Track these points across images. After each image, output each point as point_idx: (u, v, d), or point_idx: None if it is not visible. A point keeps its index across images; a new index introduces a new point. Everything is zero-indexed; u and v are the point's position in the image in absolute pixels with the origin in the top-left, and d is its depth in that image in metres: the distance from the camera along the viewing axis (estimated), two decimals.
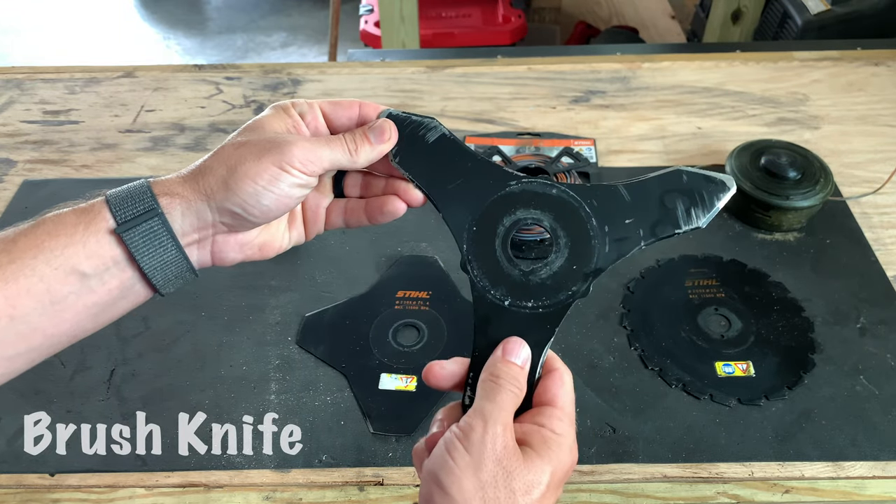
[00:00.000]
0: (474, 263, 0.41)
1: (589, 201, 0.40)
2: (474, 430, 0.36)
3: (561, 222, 0.41)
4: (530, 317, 0.40)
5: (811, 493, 0.57)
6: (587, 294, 0.40)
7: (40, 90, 1.02)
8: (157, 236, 0.39)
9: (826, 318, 0.68)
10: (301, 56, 2.69)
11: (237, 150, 0.40)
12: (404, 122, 0.42)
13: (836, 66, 1.03)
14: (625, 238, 0.40)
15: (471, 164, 0.42)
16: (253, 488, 0.58)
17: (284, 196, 0.40)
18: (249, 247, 0.43)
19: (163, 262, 0.39)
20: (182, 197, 0.40)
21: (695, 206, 0.40)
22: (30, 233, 0.38)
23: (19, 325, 0.37)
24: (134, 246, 0.38)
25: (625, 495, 0.57)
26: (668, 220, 0.40)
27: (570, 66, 1.04)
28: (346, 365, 0.65)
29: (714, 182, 0.40)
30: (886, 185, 0.82)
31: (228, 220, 0.40)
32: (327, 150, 0.41)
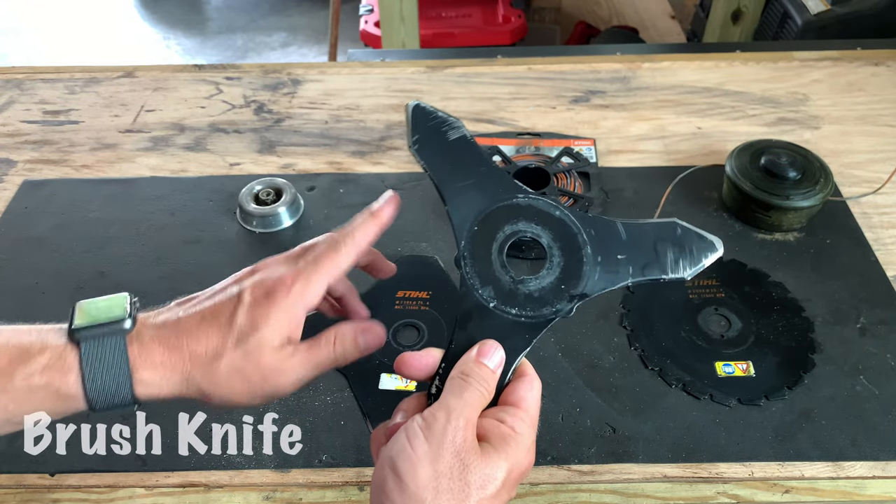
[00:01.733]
0: (468, 261, 0.42)
1: (588, 230, 0.42)
2: (437, 421, 0.36)
3: (558, 242, 0.42)
4: (512, 323, 0.41)
5: (811, 493, 0.57)
6: (570, 315, 0.42)
7: (40, 90, 1.02)
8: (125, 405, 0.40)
9: (826, 318, 0.68)
10: (301, 56, 2.69)
11: (229, 378, 0.41)
12: (430, 116, 0.44)
13: (836, 66, 1.03)
14: (615, 272, 0.42)
15: (485, 169, 0.43)
16: (253, 488, 0.58)
17: (250, 405, 0.42)
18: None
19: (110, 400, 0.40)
20: (161, 369, 0.40)
21: (683, 259, 0.42)
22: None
23: None
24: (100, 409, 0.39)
25: (625, 495, 0.57)
26: (657, 264, 0.42)
27: (570, 66, 1.04)
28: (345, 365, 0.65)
29: (704, 241, 0.42)
30: (886, 185, 0.82)
31: (198, 396, 0.42)
32: (313, 371, 0.43)
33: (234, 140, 0.92)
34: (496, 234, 0.42)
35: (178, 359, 0.40)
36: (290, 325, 0.41)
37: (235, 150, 0.91)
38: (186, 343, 0.40)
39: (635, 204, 0.81)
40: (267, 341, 0.41)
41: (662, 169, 0.85)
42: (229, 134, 0.93)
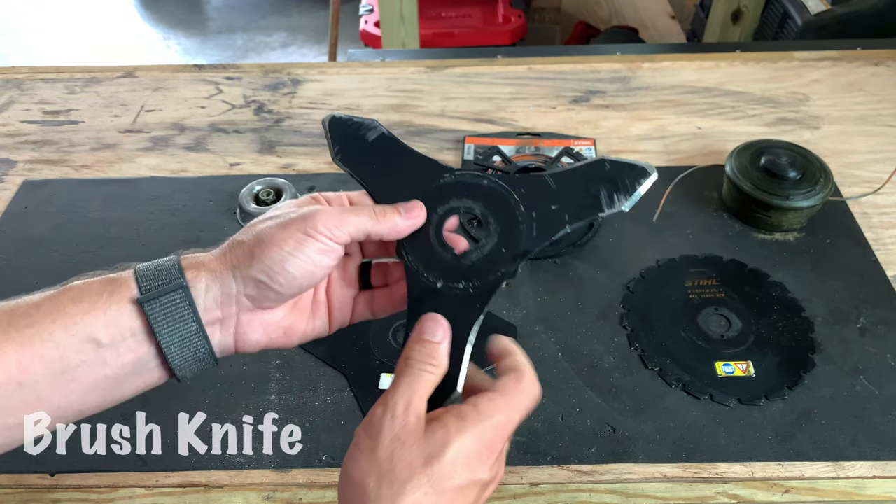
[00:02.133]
0: (409, 249, 0.43)
1: (518, 190, 0.43)
2: (374, 415, 0.36)
3: (491, 209, 0.43)
4: (462, 297, 0.42)
5: (811, 493, 0.57)
6: (515, 275, 0.42)
7: (40, 90, 1.02)
8: (179, 309, 0.38)
9: (826, 318, 0.68)
10: (301, 56, 2.69)
11: (262, 223, 0.41)
12: (346, 123, 0.45)
13: (836, 66, 1.03)
14: (551, 222, 0.42)
15: (407, 159, 0.44)
16: (253, 488, 0.58)
17: (310, 263, 0.39)
18: (274, 329, 0.42)
19: (181, 339, 0.38)
20: (208, 269, 0.40)
21: (617, 192, 0.42)
22: (54, 298, 0.38)
23: (27, 392, 0.36)
24: (154, 317, 0.38)
25: (625, 495, 0.57)
26: (593, 204, 0.42)
27: (570, 66, 1.04)
28: (346, 365, 0.65)
29: (635, 169, 0.43)
30: (886, 185, 0.82)
31: (253, 291, 0.40)
32: (353, 216, 0.41)
33: (234, 140, 0.92)
34: (430, 217, 0.43)
35: (217, 247, 0.41)
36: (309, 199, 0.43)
37: (235, 150, 0.91)
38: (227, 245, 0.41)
39: (635, 204, 0.80)
40: (290, 203, 0.42)
41: (662, 169, 0.84)
42: (229, 134, 0.93)
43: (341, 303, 0.45)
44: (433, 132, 0.93)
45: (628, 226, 0.78)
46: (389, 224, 0.41)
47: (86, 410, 0.39)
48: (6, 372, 0.36)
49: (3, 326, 0.36)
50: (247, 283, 0.40)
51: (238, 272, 0.39)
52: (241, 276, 0.39)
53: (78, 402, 0.38)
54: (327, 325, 0.45)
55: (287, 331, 0.43)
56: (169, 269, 0.39)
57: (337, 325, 0.46)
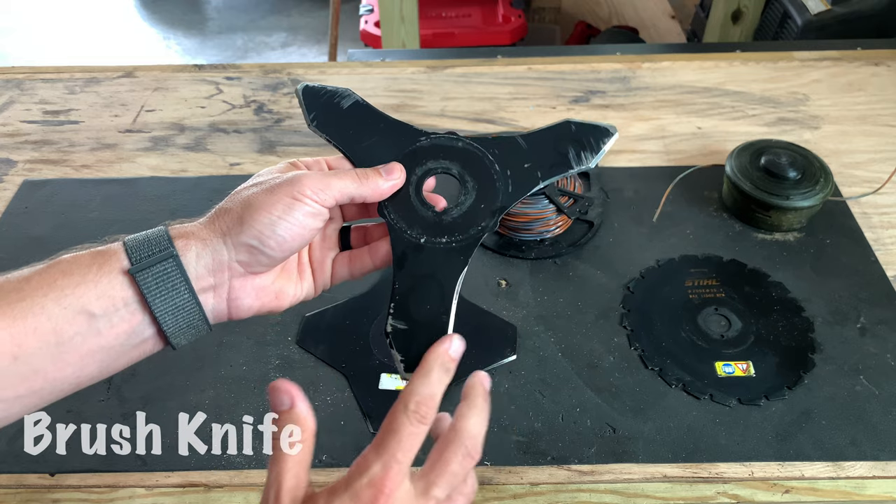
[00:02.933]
0: (390, 208, 0.44)
1: (492, 151, 0.45)
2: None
3: (468, 169, 0.45)
4: (445, 251, 0.44)
5: (811, 493, 0.57)
6: (495, 227, 0.44)
7: (40, 90, 1.02)
8: (170, 278, 0.39)
9: (826, 318, 0.68)
10: (301, 56, 2.69)
11: (249, 189, 0.42)
12: (320, 92, 0.46)
13: (836, 66, 1.03)
14: (524, 179, 0.45)
15: (383, 124, 0.46)
16: (253, 488, 0.58)
17: (299, 225, 0.40)
18: (266, 293, 0.43)
19: (174, 307, 0.39)
20: (197, 237, 0.40)
21: (584, 151, 0.45)
22: (44, 272, 0.38)
23: (22, 366, 0.36)
24: (146, 286, 0.38)
25: (625, 495, 0.57)
26: (562, 162, 0.45)
27: (570, 66, 1.04)
28: (346, 365, 0.65)
29: (599, 129, 0.45)
30: (886, 185, 0.82)
31: (245, 256, 0.40)
32: (337, 180, 0.42)
33: (234, 140, 0.92)
34: (409, 177, 0.44)
35: (204, 215, 0.42)
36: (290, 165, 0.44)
37: (235, 150, 0.91)
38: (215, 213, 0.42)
39: (635, 204, 0.81)
40: (273, 170, 0.43)
41: (662, 169, 0.85)
42: (229, 134, 0.93)
43: (322, 264, 0.47)
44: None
45: (628, 226, 0.78)
46: (372, 186, 0.43)
47: (83, 382, 0.39)
48: (0, 346, 0.36)
49: None
50: (238, 249, 0.40)
51: (228, 238, 0.40)
52: (232, 242, 0.40)
53: (74, 374, 0.39)
54: (313, 287, 0.47)
55: (278, 294, 0.44)
56: (158, 239, 0.39)
57: (321, 288, 0.47)
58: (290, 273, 0.45)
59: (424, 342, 0.42)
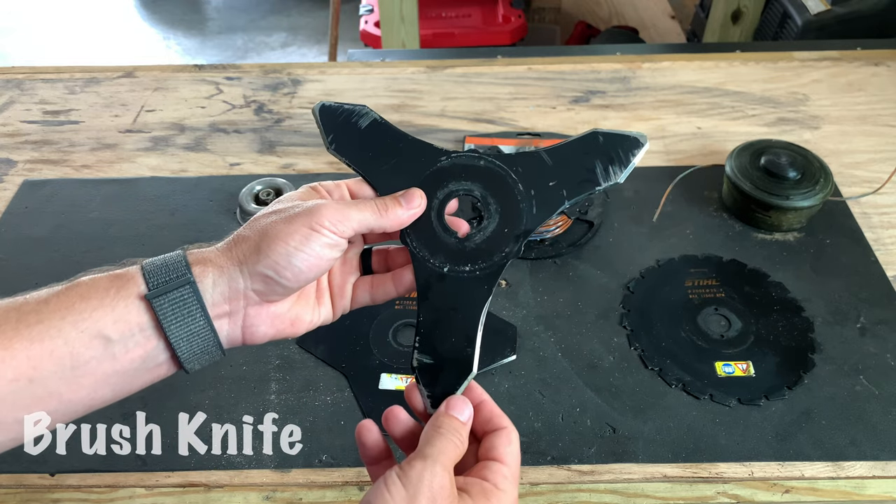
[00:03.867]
0: (412, 235, 0.43)
1: (514, 169, 0.43)
2: (413, 468, 0.37)
3: (490, 190, 0.43)
4: (468, 280, 0.42)
5: (811, 493, 0.57)
6: (520, 253, 0.42)
7: (40, 90, 1.02)
8: (186, 304, 0.38)
9: (826, 318, 0.68)
10: (301, 56, 2.69)
11: (267, 217, 0.41)
12: (337, 112, 0.45)
13: (836, 66, 1.03)
14: (551, 199, 0.42)
15: (402, 144, 0.44)
16: (253, 488, 0.58)
17: (316, 257, 0.40)
18: (281, 320, 0.43)
19: (189, 333, 0.39)
20: (214, 265, 0.40)
21: (612, 164, 0.42)
22: (62, 294, 0.38)
23: (37, 388, 0.37)
24: (162, 312, 0.38)
25: (625, 495, 0.57)
26: (589, 178, 0.42)
27: (570, 66, 1.04)
28: (346, 365, 0.65)
29: (628, 139, 0.43)
30: (886, 185, 0.82)
31: (261, 285, 0.40)
32: (356, 211, 0.41)
33: (234, 140, 0.92)
34: (431, 201, 0.43)
35: (222, 241, 0.41)
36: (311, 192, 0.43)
37: (235, 150, 0.91)
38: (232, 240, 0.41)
39: (635, 204, 0.81)
40: (293, 196, 0.43)
41: (662, 169, 0.85)
42: (229, 134, 0.93)
43: (342, 289, 0.46)
44: (433, 132, 0.93)
45: (628, 226, 0.78)
46: (392, 217, 0.42)
47: (95, 405, 0.39)
48: (16, 368, 0.36)
49: (13, 323, 0.36)
50: (254, 278, 0.40)
51: (245, 267, 0.40)
52: (248, 271, 0.40)
53: (88, 396, 0.39)
54: (331, 311, 0.46)
55: (294, 321, 0.44)
56: (176, 265, 0.39)
57: (340, 312, 0.47)
58: (307, 299, 0.44)
59: (449, 378, 0.41)
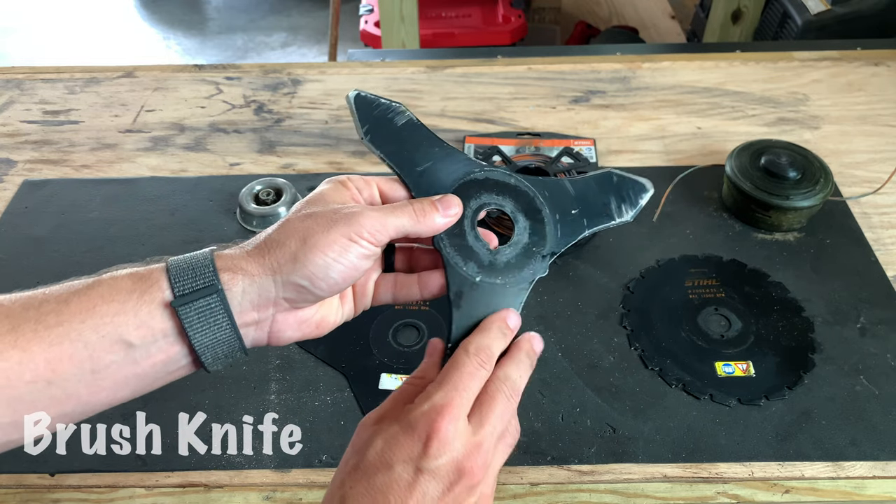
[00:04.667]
0: (446, 241, 0.43)
1: (542, 192, 0.45)
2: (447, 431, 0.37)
3: (521, 208, 0.45)
4: (500, 292, 0.43)
5: (811, 493, 0.57)
6: (546, 273, 0.44)
7: (40, 90, 1.02)
8: (213, 313, 0.38)
9: (826, 318, 0.68)
10: (301, 56, 2.69)
11: (304, 222, 0.39)
12: (373, 104, 0.44)
13: (836, 66, 1.03)
14: (573, 226, 0.45)
15: (438, 149, 0.45)
16: (253, 488, 0.58)
17: (352, 268, 0.39)
18: (308, 324, 0.42)
19: (215, 341, 0.38)
20: (245, 273, 0.39)
21: (624, 203, 0.46)
22: (83, 294, 0.37)
23: (55, 390, 0.36)
24: (188, 321, 0.37)
25: (625, 495, 0.57)
26: (605, 213, 0.46)
27: (570, 66, 1.04)
28: (346, 365, 0.65)
29: (637, 184, 0.46)
30: (886, 185, 0.82)
31: (293, 294, 0.39)
32: (394, 217, 0.40)
33: (234, 140, 0.92)
34: (465, 210, 0.43)
35: (254, 244, 0.40)
36: (344, 191, 0.42)
37: (235, 150, 0.91)
38: (255, 239, 0.40)
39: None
40: (327, 192, 0.42)
41: (662, 169, 0.85)
42: (229, 134, 0.93)
43: (364, 287, 0.45)
44: (433, 132, 0.93)
45: (628, 226, 0.78)
46: (429, 223, 0.42)
47: (113, 404, 0.39)
48: (34, 371, 0.35)
49: (31, 324, 0.36)
50: (286, 287, 0.39)
51: (279, 276, 0.39)
52: (282, 280, 0.39)
53: (107, 398, 0.38)
54: (353, 309, 0.46)
55: (319, 323, 0.43)
56: (203, 269, 0.38)
57: (361, 309, 0.46)
58: (332, 300, 0.44)
59: None
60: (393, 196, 0.44)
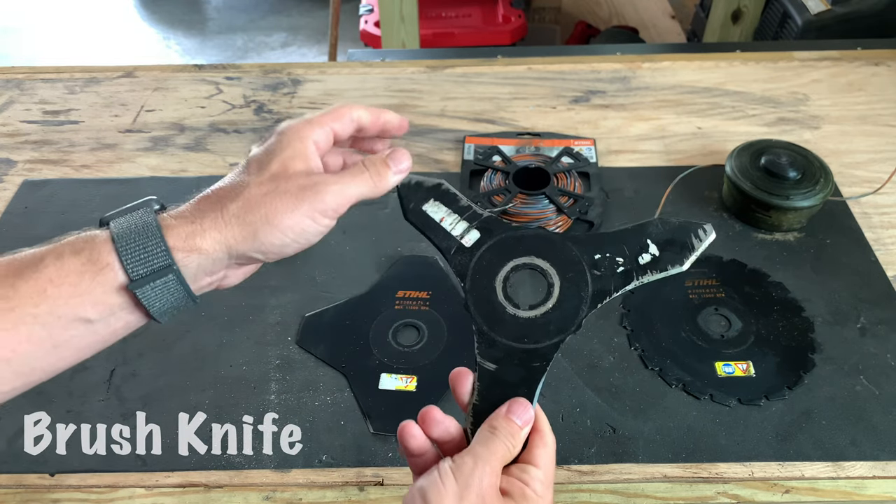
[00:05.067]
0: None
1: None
2: (466, 465, 0.38)
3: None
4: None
5: (811, 493, 0.57)
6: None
7: (40, 90, 1.02)
8: (170, 289, 0.38)
9: (826, 318, 0.68)
10: (301, 56, 2.69)
11: (270, 199, 0.39)
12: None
13: (836, 66, 1.03)
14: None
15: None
16: (253, 488, 0.58)
17: (307, 243, 0.41)
18: (253, 269, 0.44)
19: (172, 308, 0.39)
20: (201, 251, 0.39)
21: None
22: (30, 278, 0.37)
23: (17, 366, 0.37)
24: (146, 299, 0.38)
25: (625, 495, 0.57)
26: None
27: (570, 66, 1.04)
28: (346, 365, 0.65)
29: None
30: (886, 185, 0.82)
31: (244, 261, 0.41)
32: (354, 188, 0.41)
33: (234, 140, 0.92)
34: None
35: (209, 216, 0.40)
36: (305, 153, 0.41)
37: (235, 150, 0.91)
38: (209, 206, 0.40)
39: (635, 204, 0.81)
40: (287, 159, 0.41)
41: (662, 169, 0.85)
42: (229, 134, 0.93)
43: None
44: (433, 132, 0.93)
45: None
46: (384, 184, 0.43)
47: (75, 363, 0.40)
48: None
49: None
50: (240, 258, 0.40)
51: (234, 249, 0.40)
52: (237, 252, 0.40)
53: (69, 363, 0.39)
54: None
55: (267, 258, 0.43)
56: (154, 248, 0.38)
57: None
58: None
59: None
60: (340, 136, 0.44)
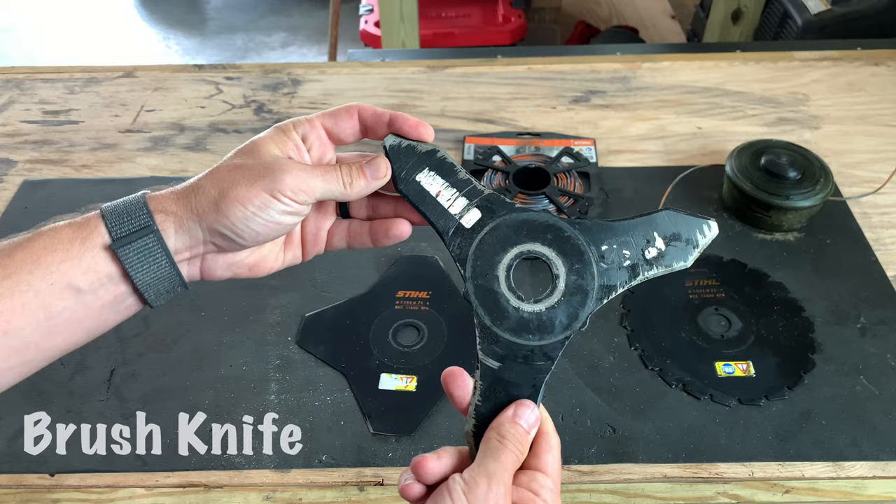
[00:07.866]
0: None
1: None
2: (479, 486, 0.37)
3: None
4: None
5: (811, 493, 0.57)
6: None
7: (40, 90, 1.02)
8: (152, 253, 0.39)
9: (826, 318, 0.68)
10: (301, 56, 2.69)
11: (231, 172, 0.41)
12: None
13: (836, 66, 1.03)
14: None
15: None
16: (253, 488, 0.58)
17: (274, 223, 0.40)
18: (239, 266, 0.43)
19: (156, 278, 0.40)
20: (175, 215, 0.40)
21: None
22: (26, 246, 0.38)
23: (12, 339, 0.37)
24: (128, 262, 0.38)
25: (625, 495, 0.57)
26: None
27: (570, 66, 1.04)
28: (346, 365, 0.65)
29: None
30: (886, 185, 0.82)
31: (220, 240, 0.41)
32: (320, 181, 0.41)
33: (234, 140, 0.92)
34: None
35: (184, 188, 0.41)
36: (283, 140, 0.42)
37: None
38: (189, 182, 0.42)
39: (635, 204, 0.81)
40: (262, 142, 0.42)
41: (662, 169, 0.85)
42: (229, 134, 0.93)
43: (316, 235, 0.46)
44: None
45: None
46: (357, 190, 0.42)
47: (69, 348, 0.40)
48: None
49: None
50: (212, 234, 0.40)
51: (203, 222, 0.40)
52: (207, 226, 0.40)
53: (63, 342, 0.39)
54: (300, 256, 0.46)
55: (252, 267, 0.44)
56: (137, 212, 0.39)
57: (311, 255, 0.46)
58: (271, 247, 0.44)
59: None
60: (337, 134, 0.43)
